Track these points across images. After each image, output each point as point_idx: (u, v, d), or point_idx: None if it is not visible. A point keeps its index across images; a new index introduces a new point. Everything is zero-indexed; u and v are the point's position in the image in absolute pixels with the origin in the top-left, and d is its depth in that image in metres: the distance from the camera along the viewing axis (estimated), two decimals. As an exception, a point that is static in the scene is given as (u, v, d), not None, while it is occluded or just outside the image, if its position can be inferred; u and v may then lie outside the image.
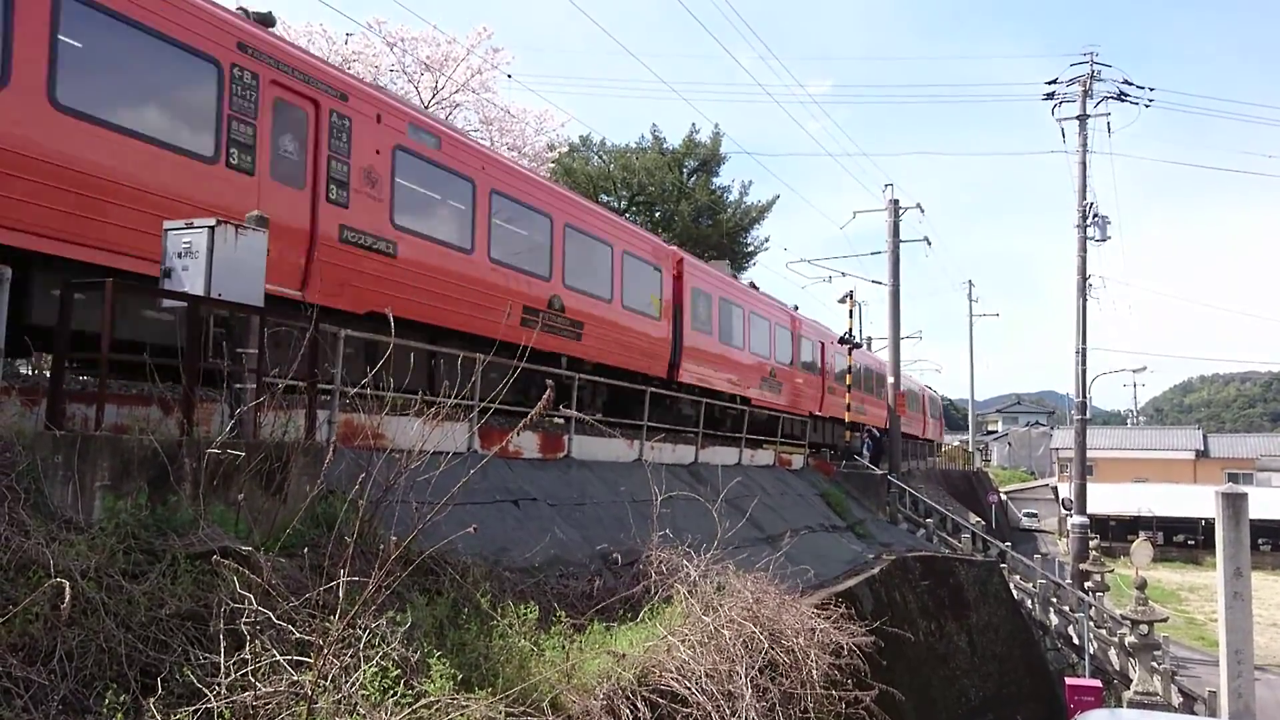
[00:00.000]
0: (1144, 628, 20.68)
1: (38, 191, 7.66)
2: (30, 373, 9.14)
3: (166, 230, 7.09)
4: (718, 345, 20.64)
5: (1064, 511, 51.93)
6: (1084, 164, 31.62)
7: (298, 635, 4.87)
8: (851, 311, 31.06)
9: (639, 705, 6.34)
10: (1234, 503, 15.38)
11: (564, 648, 6.59)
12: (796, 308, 27.25)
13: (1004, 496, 65.20)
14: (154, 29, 8.62)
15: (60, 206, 7.82)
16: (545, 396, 5.69)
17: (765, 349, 23.54)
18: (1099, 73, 32.07)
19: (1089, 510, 31.66)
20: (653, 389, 16.37)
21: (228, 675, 4.59)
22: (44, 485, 5.56)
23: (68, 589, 4.47)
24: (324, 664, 4.66)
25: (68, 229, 7.89)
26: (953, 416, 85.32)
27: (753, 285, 24.94)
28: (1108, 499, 53.61)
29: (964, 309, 68.31)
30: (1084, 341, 31.15)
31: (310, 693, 4.51)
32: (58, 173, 7.78)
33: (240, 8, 9.97)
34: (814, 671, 7.99)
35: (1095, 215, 31.78)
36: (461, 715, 4.90)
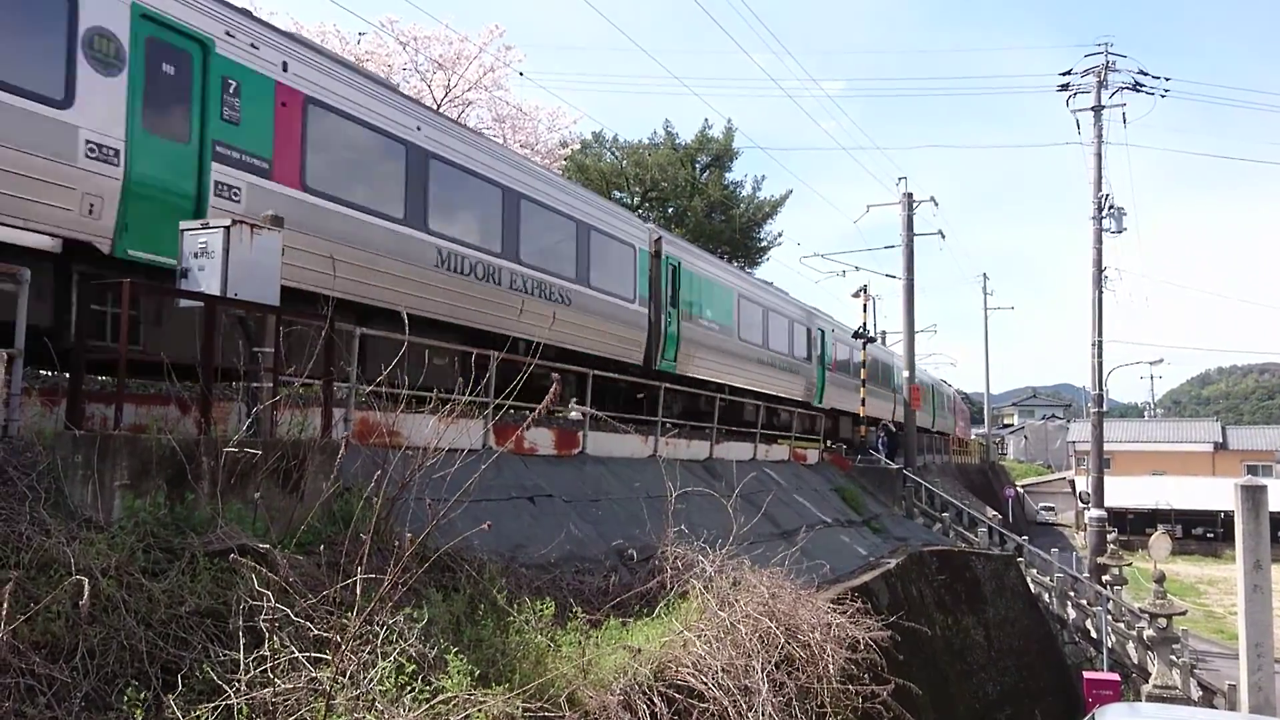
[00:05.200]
0: (1162, 621, 20.55)
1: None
2: (50, 373, 9.20)
3: (183, 230, 7.15)
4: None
5: (1081, 505, 51.63)
6: (1099, 155, 31.35)
7: (316, 632, 4.90)
8: (866, 306, 31.00)
9: (655, 700, 6.35)
10: (1253, 495, 15.27)
11: (580, 643, 6.60)
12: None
13: (1021, 490, 64.94)
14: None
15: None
16: (551, 390, 5.70)
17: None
18: (1114, 63, 31.77)
19: (1106, 504, 31.45)
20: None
21: (247, 672, 4.62)
22: (64, 485, 5.61)
23: (88, 587, 4.51)
24: (342, 660, 4.69)
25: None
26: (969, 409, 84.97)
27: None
28: (1125, 492, 53.25)
29: (979, 302, 67.88)
30: (1100, 334, 30.92)
31: (328, 689, 4.54)
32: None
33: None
34: (830, 666, 7.99)
35: (1111, 207, 31.49)
36: (478, 711, 4.92)
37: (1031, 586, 23.17)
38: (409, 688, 4.84)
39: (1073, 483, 65.13)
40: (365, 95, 11.03)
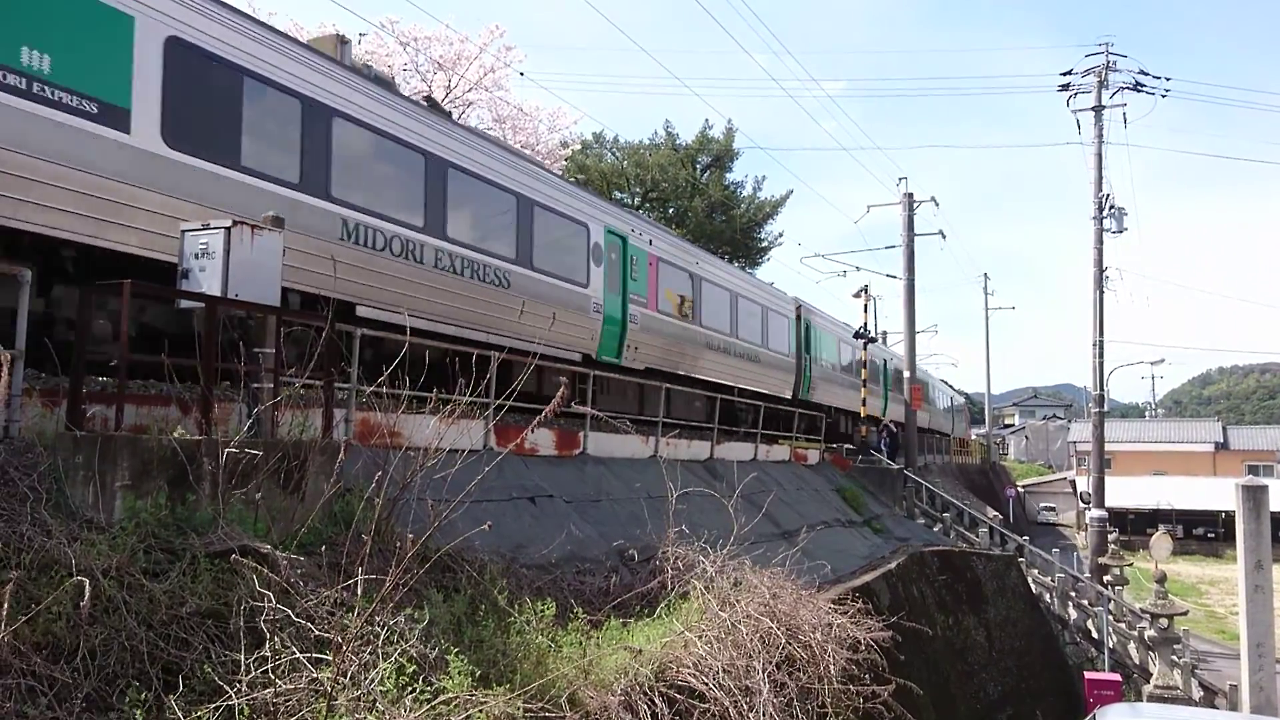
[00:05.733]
0: (1164, 621, 20.54)
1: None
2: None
3: (183, 232, 7.15)
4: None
5: (1082, 505, 51.63)
6: (1099, 155, 31.33)
7: (317, 633, 4.90)
8: (866, 306, 30.97)
9: (657, 701, 6.35)
10: (1254, 495, 15.27)
11: (581, 644, 6.60)
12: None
13: (1021, 490, 64.97)
14: None
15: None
16: (560, 393, 5.70)
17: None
18: (1114, 63, 31.77)
19: (1107, 504, 31.44)
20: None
21: (248, 672, 4.62)
22: (65, 485, 5.62)
23: (89, 588, 4.51)
24: (343, 661, 4.69)
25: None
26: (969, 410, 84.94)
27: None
28: (1126, 492, 53.29)
29: (980, 302, 67.94)
30: (1101, 334, 30.92)
31: (329, 689, 4.54)
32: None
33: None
34: (831, 666, 7.98)
35: (1111, 207, 31.49)
36: (479, 711, 4.92)
37: (1033, 587, 23.16)
38: (410, 688, 4.85)
39: (1073, 483, 65.17)
40: (676, 249, 18.92)
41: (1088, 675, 17.64)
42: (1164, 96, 31.96)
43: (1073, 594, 24.86)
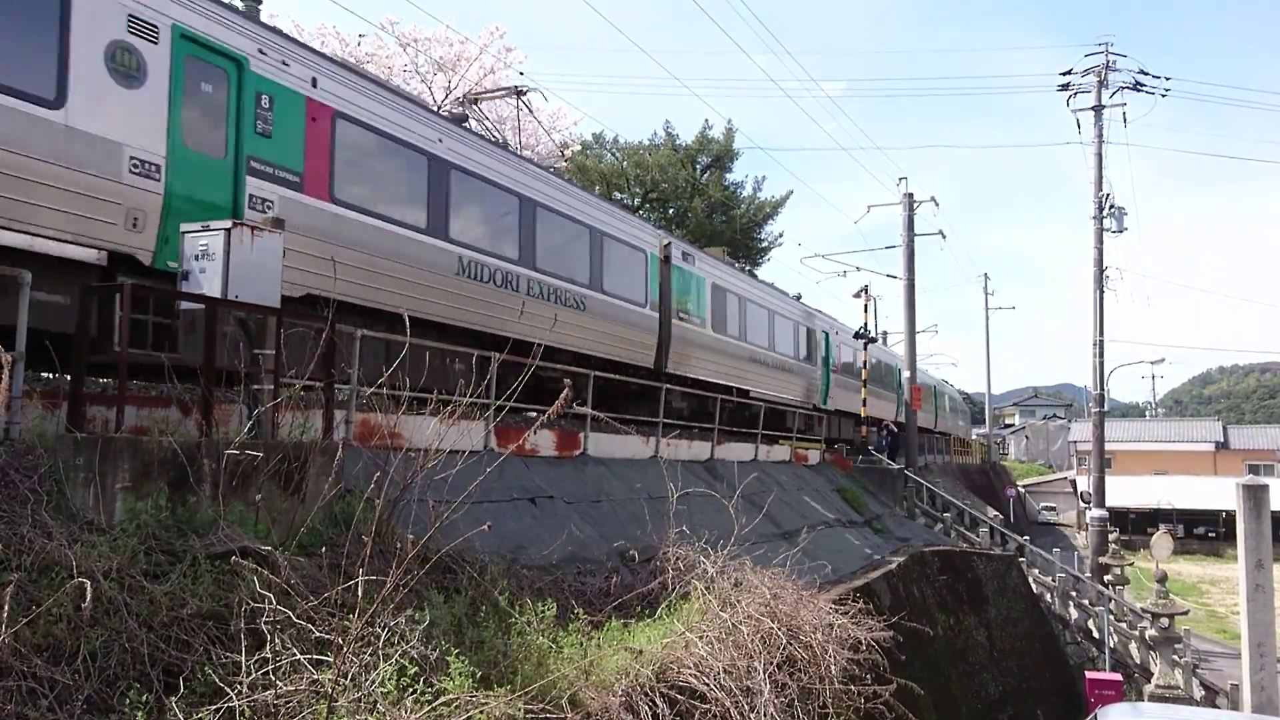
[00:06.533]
0: (1165, 621, 20.54)
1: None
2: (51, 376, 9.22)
3: (184, 233, 7.15)
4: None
5: (1083, 505, 51.58)
6: (1099, 155, 31.28)
7: (317, 634, 4.90)
8: (866, 306, 30.98)
9: (658, 701, 6.34)
10: (1255, 494, 15.25)
11: (582, 645, 6.60)
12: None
13: (1022, 490, 64.90)
14: None
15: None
16: (563, 395, 5.69)
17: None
18: (1114, 62, 31.72)
19: (1108, 503, 31.39)
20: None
21: (249, 674, 4.62)
22: (66, 487, 5.62)
23: (90, 589, 4.51)
24: (343, 662, 4.68)
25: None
26: (969, 410, 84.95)
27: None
28: (1127, 492, 53.18)
29: (980, 302, 67.88)
30: (1101, 334, 30.90)
31: (330, 691, 4.54)
32: None
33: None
34: (832, 667, 7.98)
35: (1111, 206, 31.43)
36: (480, 713, 4.92)
37: (1033, 586, 23.16)
38: (411, 689, 4.84)
39: (1074, 482, 65.07)
40: (847, 336, 30.45)
41: (1089, 675, 17.64)
42: (1164, 96, 31.96)
43: (1073, 594, 24.84)
